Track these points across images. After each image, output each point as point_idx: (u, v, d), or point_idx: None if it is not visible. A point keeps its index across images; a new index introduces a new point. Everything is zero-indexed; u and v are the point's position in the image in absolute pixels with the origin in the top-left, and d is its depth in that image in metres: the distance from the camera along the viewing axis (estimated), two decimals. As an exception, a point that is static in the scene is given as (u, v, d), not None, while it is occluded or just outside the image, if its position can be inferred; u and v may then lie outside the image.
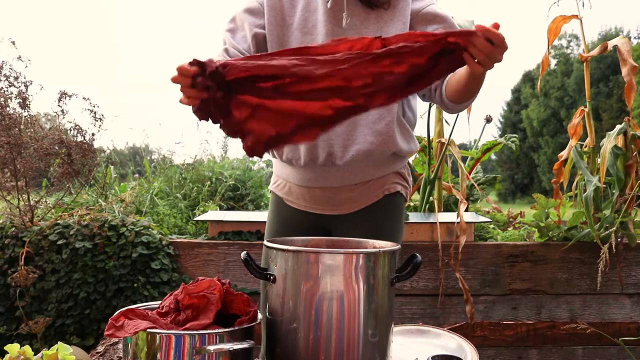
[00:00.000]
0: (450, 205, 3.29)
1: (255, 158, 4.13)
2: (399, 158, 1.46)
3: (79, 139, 2.70)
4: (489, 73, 1.15)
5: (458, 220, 2.48)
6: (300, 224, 1.47)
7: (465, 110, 3.11)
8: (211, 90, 0.99)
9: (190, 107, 1.02)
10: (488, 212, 3.51)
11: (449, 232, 2.62)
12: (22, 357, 1.09)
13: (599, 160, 2.66)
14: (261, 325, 1.22)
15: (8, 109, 2.58)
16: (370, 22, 1.37)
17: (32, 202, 2.64)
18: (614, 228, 2.49)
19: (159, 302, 1.10)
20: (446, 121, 3.14)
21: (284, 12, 1.40)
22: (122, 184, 3.74)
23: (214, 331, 0.96)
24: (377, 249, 1.08)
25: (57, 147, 2.64)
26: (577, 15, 2.83)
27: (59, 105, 2.70)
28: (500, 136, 3.67)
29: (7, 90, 2.59)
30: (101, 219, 2.52)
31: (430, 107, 3.06)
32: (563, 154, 2.95)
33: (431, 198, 3.02)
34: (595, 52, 2.81)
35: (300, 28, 1.38)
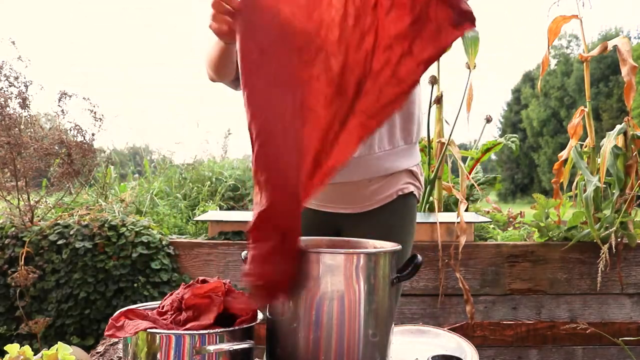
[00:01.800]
0: (450, 205, 3.29)
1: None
2: (412, 148, 1.44)
3: (79, 139, 2.70)
4: (489, 75, 1.14)
5: (458, 220, 2.48)
6: (309, 223, 1.41)
7: (465, 110, 3.11)
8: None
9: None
10: (488, 212, 3.51)
11: (449, 232, 2.62)
12: (22, 357, 1.09)
13: (599, 160, 2.66)
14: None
15: (8, 109, 2.58)
16: None
17: (32, 202, 2.64)
18: (614, 228, 2.49)
19: (159, 302, 1.10)
20: (446, 121, 3.14)
21: None
22: (122, 184, 3.74)
23: (214, 331, 0.96)
24: (378, 249, 1.08)
25: (57, 147, 2.64)
26: (577, 15, 2.83)
27: (59, 105, 2.70)
28: (500, 136, 3.67)
29: (7, 90, 2.59)
30: (101, 219, 2.52)
31: (430, 107, 3.06)
32: (563, 154, 2.95)
33: (431, 198, 3.02)
34: (595, 52, 2.81)
35: None
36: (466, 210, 2.69)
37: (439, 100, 3.06)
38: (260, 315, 1.07)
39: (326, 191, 1.41)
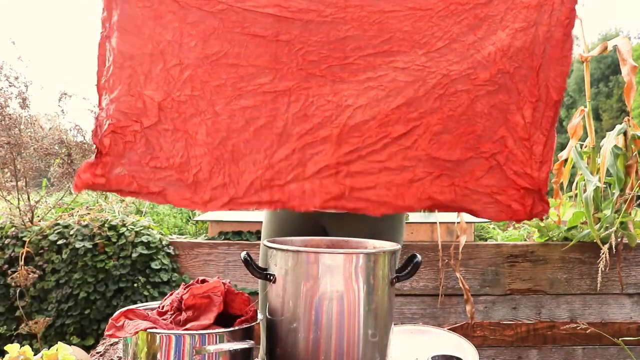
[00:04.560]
0: (450, 205, 3.29)
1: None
2: None
3: (79, 139, 2.70)
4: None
5: (458, 220, 2.48)
6: (297, 222, 1.44)
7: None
8: None
9: None
10: (488, 212, 3.50)
11: (449, 232, 2.62)
12: (22, 357, 1.09)
13: (599, 160, 2.66)
14: (260, 326, 1.22)
15: (8, 109, 2.58)
16: None
17: (32, 202, 2.64)
18: (614, 228, 2.49)
19: (159, 302, 1.10)
20: (446, 121, 3.13)
21: None
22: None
23: (214, 331, 0.96)
24: (377, 249, 1.08)
25: (57, 147, 2.64)
26: (577, 15, 2.83)
27: (59, 105, 2.70)
28: (500, 136, 3.66)
29: (7, 90, 2.59)
30: (101, 219, 2.52)
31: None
32: (563, 154, 2.94)
33: (431, 198, 3.02)
34: (595, 52, 2.81)
35: None
36: (466, 210, 2.68)
37: (439, 100, 3.06)
38: (260, 316, 1.07)
39: None
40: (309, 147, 1.04)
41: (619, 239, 2.53)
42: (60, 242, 2.43)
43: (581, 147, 2.83)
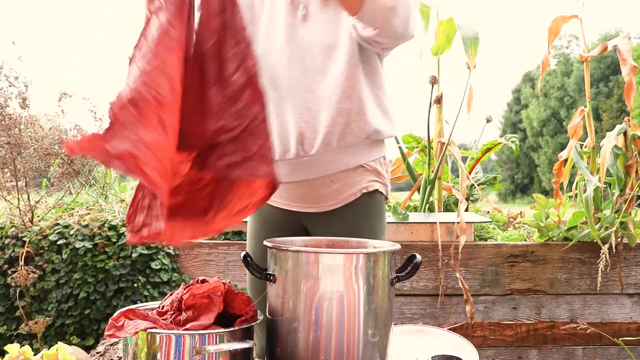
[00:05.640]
0: (450, 205, 3.29)
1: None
2: (375, 143, 1.40)
3: (79, 139, 2.70)
4: (489, 75, 1.13)
5: (458, 220, 2.48)
6: (279, 222, 1.45)
7: (466, 110, 3.11)
8: None
9: None
10: (488, 212, 3.51)
11: (449, 232, 2.62)
12: (22, 357, 1.09)
13: (599, 160, 2.66)
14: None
15: (8, 109, 2.58)
16: (329, 9, 1.32)
17: (32, 202, 2.64)
18: (614, 228, 2.49)
19: (159, 302, 1.10)
20: (446, 121, 3.14)
21: (255, 10, 1.37)
22: (122, 184, 3.74)
23: (214, 331, 0.96)
24: (377, 249, 1.08)
25: (57, 147, 2.64)
26: (577, 15, 2.84)
27: (59, 105, 2.70)
28: (500, 136, 3.67)
29: (7, 90, 2.59)
30: (101, 219, 2.52)
31: (430, 107, 3.06)
32: (563, 154, 2.95)
33: (431, 198, 3.02)
34: (595, 52, 2.81)
35: (266, 25, 1.36)
36: (466, 210, 2.69)
37: (439, 100, 3.06)
38: (260, 316, 1.07)
39: (289, 189, 1.40)
40: None
41: (619, 239, 2.53)
42: (60, 242, 2.43)
43: (581, 147, 2.83)
